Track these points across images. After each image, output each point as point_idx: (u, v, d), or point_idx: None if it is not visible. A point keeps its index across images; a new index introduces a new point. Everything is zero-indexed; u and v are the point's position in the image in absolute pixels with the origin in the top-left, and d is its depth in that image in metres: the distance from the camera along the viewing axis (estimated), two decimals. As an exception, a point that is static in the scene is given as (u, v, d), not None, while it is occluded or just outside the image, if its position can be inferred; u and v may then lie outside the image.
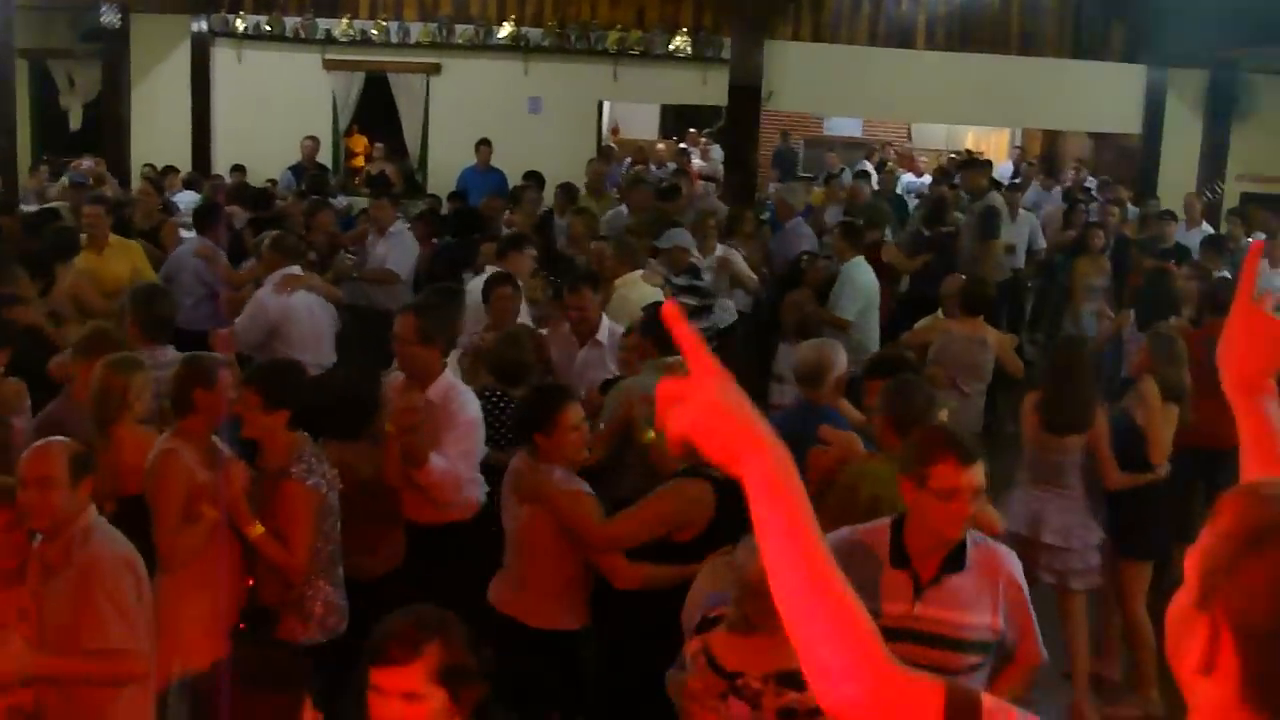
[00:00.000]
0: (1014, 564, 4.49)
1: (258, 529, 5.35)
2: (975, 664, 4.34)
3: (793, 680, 3.79)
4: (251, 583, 5.59)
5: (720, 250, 11.59)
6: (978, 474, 4.28)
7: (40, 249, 9.56)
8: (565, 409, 5.75)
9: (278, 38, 18.28)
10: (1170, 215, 14.70)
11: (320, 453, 5.67)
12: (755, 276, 11.88)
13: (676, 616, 4.96)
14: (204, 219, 11.40)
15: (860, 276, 10.84)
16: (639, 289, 9.20)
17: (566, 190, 14.22)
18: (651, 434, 5.95)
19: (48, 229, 10.30)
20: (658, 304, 8.41)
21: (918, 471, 4.27)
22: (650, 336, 7.06)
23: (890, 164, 22.09)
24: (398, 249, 11.74)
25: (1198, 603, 1.69)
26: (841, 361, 6.80)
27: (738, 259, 11.65)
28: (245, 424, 5.61)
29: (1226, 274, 12.14)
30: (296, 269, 9.47)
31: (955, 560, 4.34)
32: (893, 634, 4.02)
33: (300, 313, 9.20)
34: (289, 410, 5.55)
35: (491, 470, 6.54)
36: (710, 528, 5.36)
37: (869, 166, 20.16)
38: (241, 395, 5.63)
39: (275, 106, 18.06)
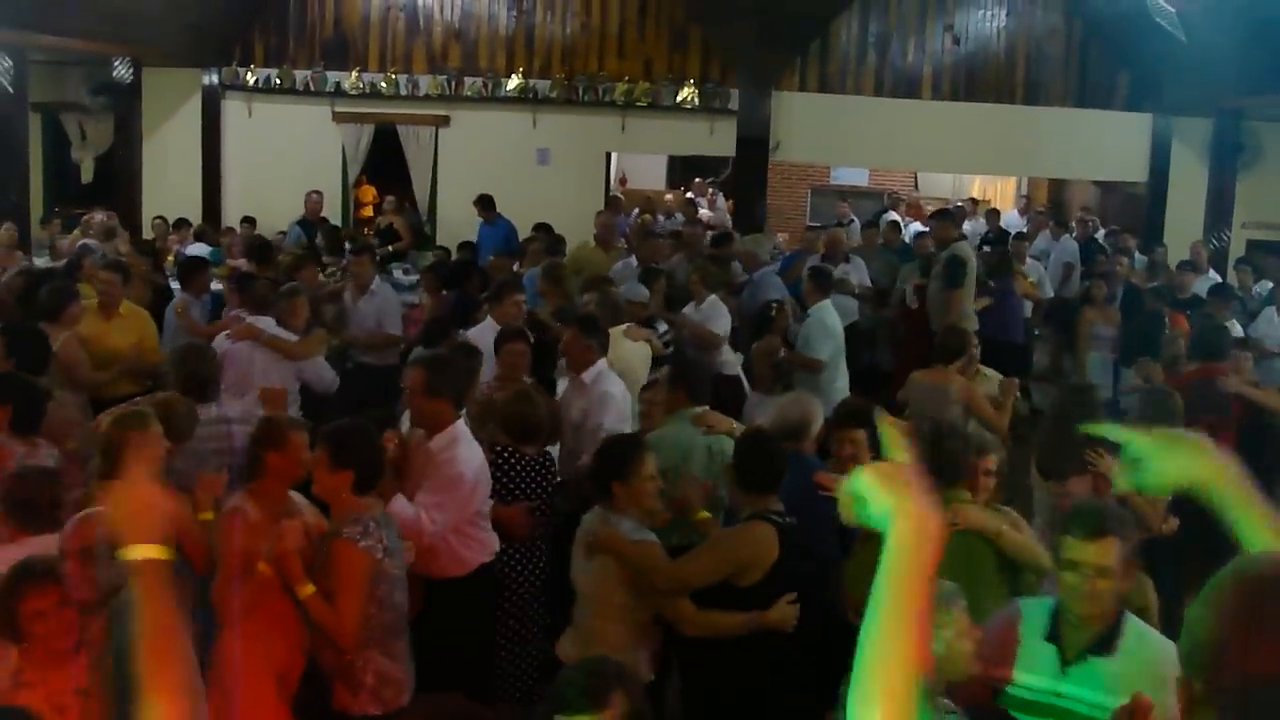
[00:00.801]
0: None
1: (308, 589, 5.25)
2: None
3: None
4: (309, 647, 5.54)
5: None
6: (1103, 551, 4.25)
7: (31, 311, 9.29)
8: (643, 459, 5.88)
9: (288, 90, 18.41)
10: (1190, 266, 14.70)
11: (387, 520, 5.56)
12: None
13: (745, 664, 5.21)
14: (184, 272, 11.47)
15: (830, 319, 11.08)
16: (620, 345, 9.23)
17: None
18: (705, 514, 6.17)
19: (44, 289, 9.76)
20: (684, 356, 8.50)
21: (1056, 540, 4.38)
22: (682, 388, 7.32)
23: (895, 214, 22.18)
24: (385, 308, 11.77)
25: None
26: (820, 414, 7.01)
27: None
28: (315, 482, 5.56)
29: (1235, 322, 12.26)
30: (268, 320, 9.47)
31: (1104, 644, 4.32)
32: (1033, 706, 4.22)
33: (232, 360, 9.07)
34: (353, 471, 5.42)
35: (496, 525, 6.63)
36: (773, 572, 5.51)
37: (897, 217, 20.22)
38: (315, 453, 5.58)
39: (285, 158, 18.17)
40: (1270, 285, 14.44)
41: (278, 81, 18.41)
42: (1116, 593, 4.29)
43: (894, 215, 20.42)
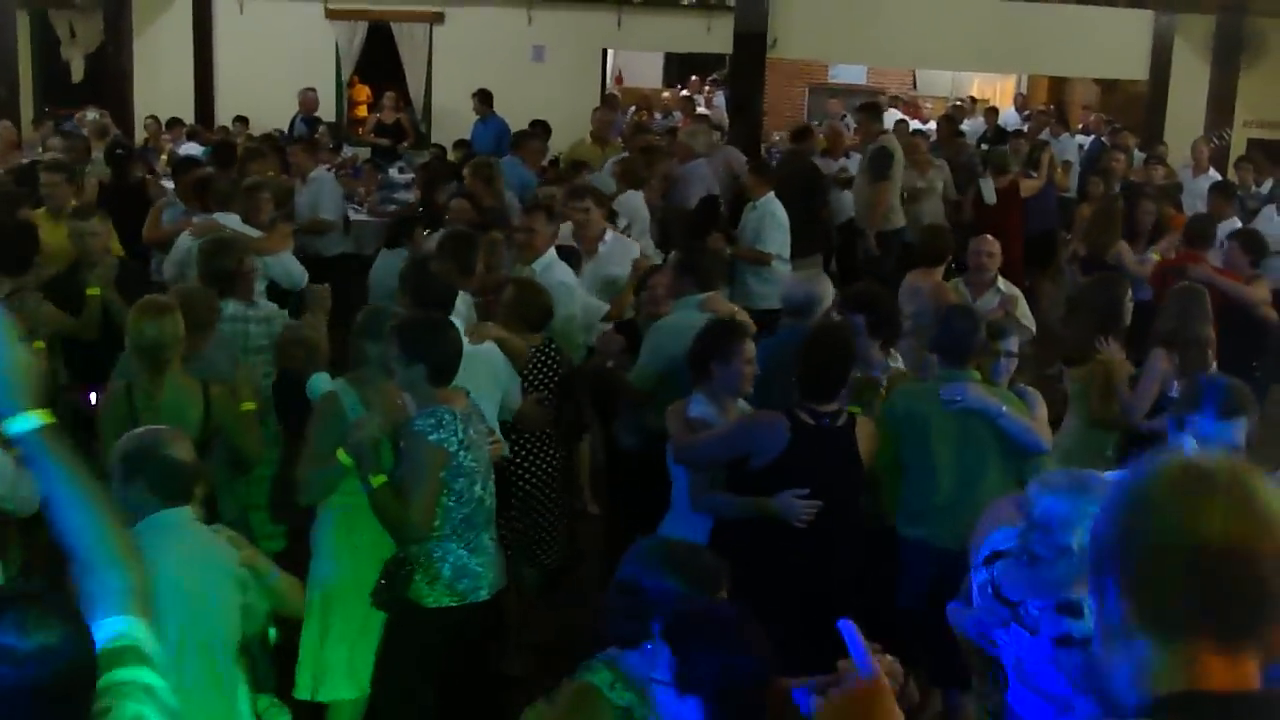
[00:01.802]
0: None
1: (378, 479, 5.23)
2: None
3: (1071, 609, 4.01)
4: None
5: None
6: (1237, 430, 4.59)
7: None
8: (744, 341, 5.98)
9: (279, -13, 18.21)
10: (1159, 159, 14.81)
11: (473, 412, 5.56)
12: None
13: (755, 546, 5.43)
14: (178, 174, 11.38)
15: (778, 210, 10.98)
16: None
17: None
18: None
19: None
20: (695, 246, 8.47)
21: (1179, 417, 4.71)
22: (690, 275, 7.32)
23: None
24: (324, 195, 11.88)
25: None
26: (830, 292, 7.12)
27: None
28: (392, 375, 5.54)
29: (1236, 219, 12.20)
30: (232, 217, 9.35)
31: None
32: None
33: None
34: (425, 364, 5.34)
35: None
36: (778, 463, 5.54)
37: (920, 124, 20.08)
38: (384, 346, 5.57)
39: (278, 56, 17.99)
40: (1270, 183, 14.34)
41: (269, -22, 18.21)
42: None
43: (916, 123, 20.25)
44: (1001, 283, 9.15)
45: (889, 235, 13.30)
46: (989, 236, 9.47)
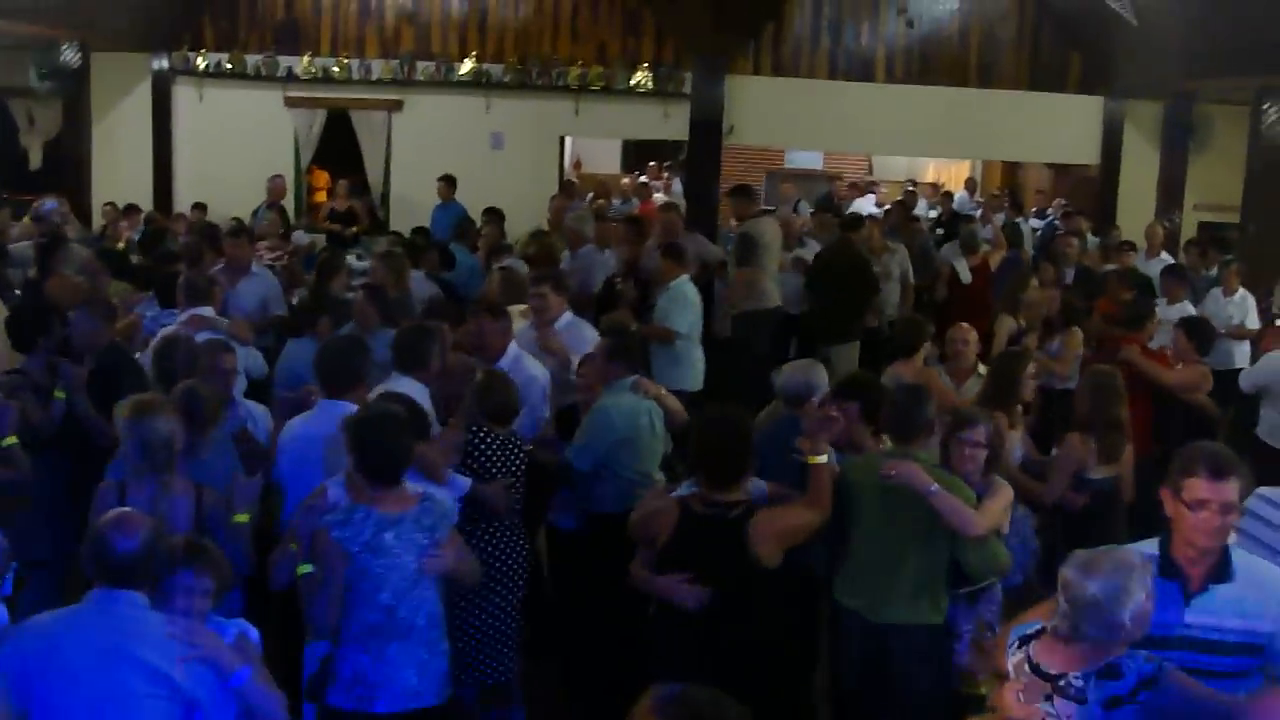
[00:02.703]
0: None
1: (302, 568, 5.49)
2: (1244, 669, 4.60)
3: (1111, 672, 4.22)
4: None
5: None
6: (1229, 489, 4.58)
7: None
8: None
9: (239, 75, 18.27)
10: (1130, 245, 14.94)
11: (422, 517, 5.58)
12: None
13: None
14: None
15: (690, 292, 11.19)
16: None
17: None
18: None
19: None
20: (620, 329, 8.63)
21: (1175, 483, 4.66)
22: (621, 358, 7.56)
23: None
24: (270, 290, 11.47)
25: None
26: (825, 380, 7.26)
27: None
28: None
29: (1188, 303, 12.36)
30: (207, 310, 9.35)
31: (1221, 571, 4.65)
32: (1164, 641, 4.44)
33: None
34: (358, 459, 5.57)
35: (477, 503, 6.65)
36: (669, 544, 5.76)
37: (875, 208, 20.34)
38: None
39: (237, 144, 18.04)
40: (1218, 266, 14.54)
41: (228, 66, 18.26)
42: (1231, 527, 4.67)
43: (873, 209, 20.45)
44: (983, 368, 9.30)
45: (758, 315, 13.32)
46: (964, 325, 9.73)
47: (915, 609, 6.26)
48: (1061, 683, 4.30)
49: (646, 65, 18.11)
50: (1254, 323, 13.05)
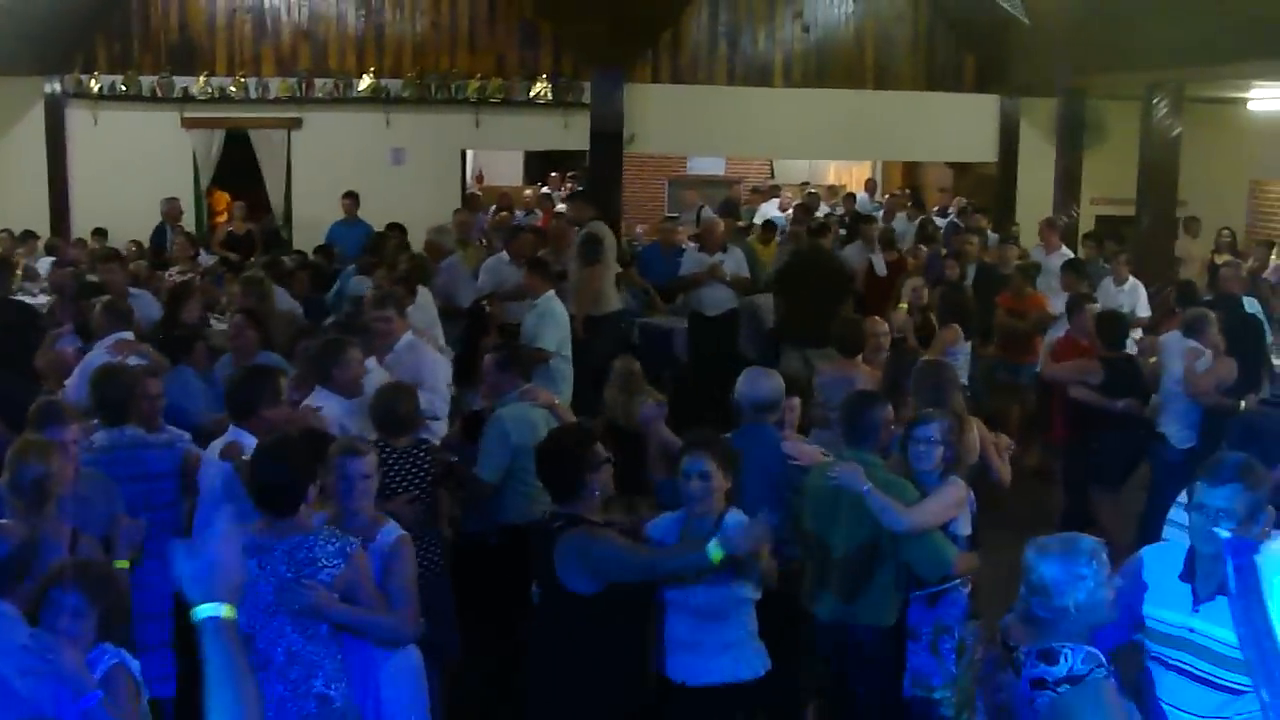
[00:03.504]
0: None
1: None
2: (1247, 687, 4.61)
3: (1049, 656, 4.33)
4: None
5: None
6: (1223, 496, 4.64)
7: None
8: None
9: (134, 97, 18.04)
10: (1013, 240, 15.60)
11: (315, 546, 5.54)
12: None
13: None
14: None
15: (556, 309, 11.31)
16: None
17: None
18: None
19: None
20: (509, 343, 8.71)
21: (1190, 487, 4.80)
22: (516, 368, 7.80)
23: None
24: (155, 314, 11.18)
25: None
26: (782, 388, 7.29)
27: None
28: None
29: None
30: (129, 334, 9.22)
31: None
32: (1172, 640, 4.59)
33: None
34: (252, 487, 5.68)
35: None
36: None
37: (778, 212, 20.57)
38: None
39: (135, 166, 17.78)
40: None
41: (123, 88, 18.02)
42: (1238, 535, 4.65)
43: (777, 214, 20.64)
44: None
45: (601, 320, 13.39)
46: (877, 318, 10.09)
47: (866, 611, 6.38)
48: (1015, 655, 4.49)
49: (545, 76, 18.14)
50: (1144, 310, 13.35)
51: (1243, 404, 9.55)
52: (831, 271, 13.64)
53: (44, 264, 14.47)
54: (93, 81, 18.03)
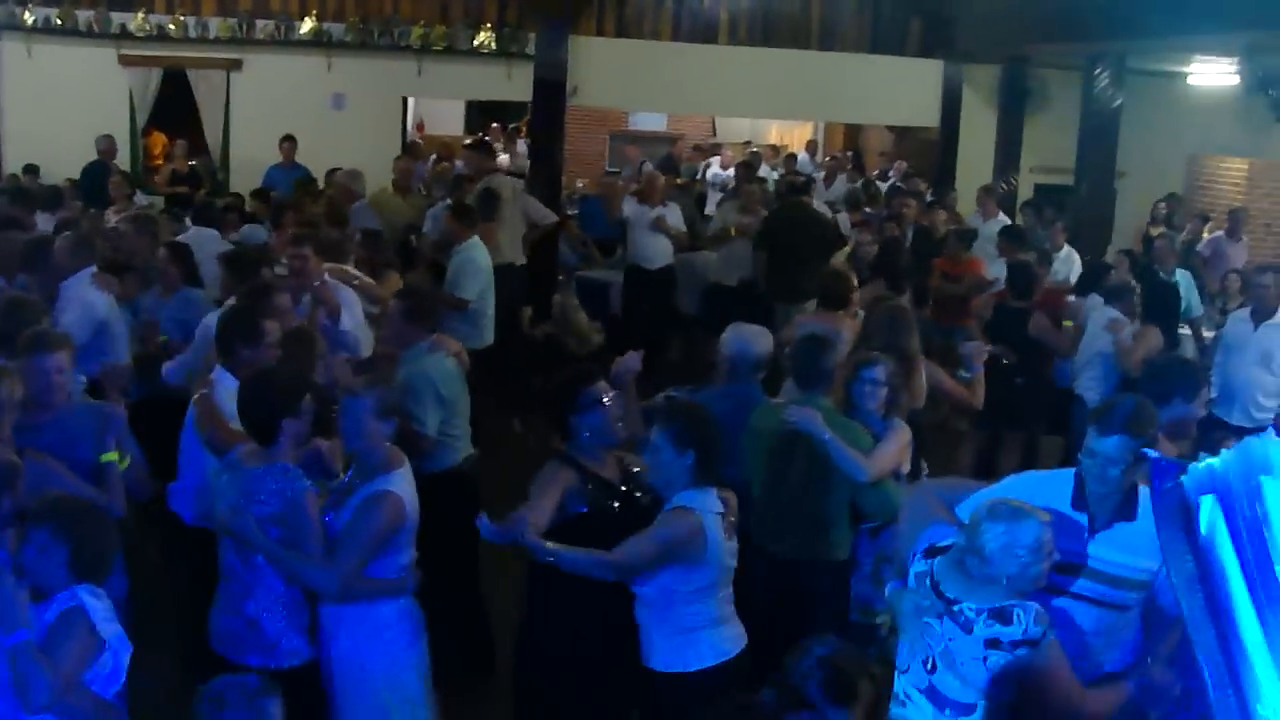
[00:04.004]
0: None
1: None
2: (1132, 603, 4.96)
3: (1002, 615, 4.45)
4: None
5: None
6: (1113, 444, 4.82)
7: None
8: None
9: (70, 32, 17.68)
10: (937, 203, 16.00)
11: None
12: None
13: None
14: None
15: (479, 256, 11.42)
16: None
17: None
18: None
19: None
20: (412, 291, 8.65)
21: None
22: (419, 319, 7.73)
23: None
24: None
25: None
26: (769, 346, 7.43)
27: None
28: None
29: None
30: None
31: (1127, 510, 4.91)
32: (1068, 568, 4.69)
33: (116, 311, 8.90)
34: None
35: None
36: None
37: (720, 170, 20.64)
38: None
39: (69, 104, 17.48)
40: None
41: (58, 22, 17.66)
42: (1127, 476, 4.87)
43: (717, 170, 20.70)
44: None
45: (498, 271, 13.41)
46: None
47: (819, 545, 6.66)
48: (955, 608, 4.56)
49: (489, 25, 17.96)
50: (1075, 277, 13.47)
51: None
52: (817, 227, 13.69)
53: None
54: (26, 14, 17.65)
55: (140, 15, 17.69)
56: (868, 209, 16.19)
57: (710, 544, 5.45)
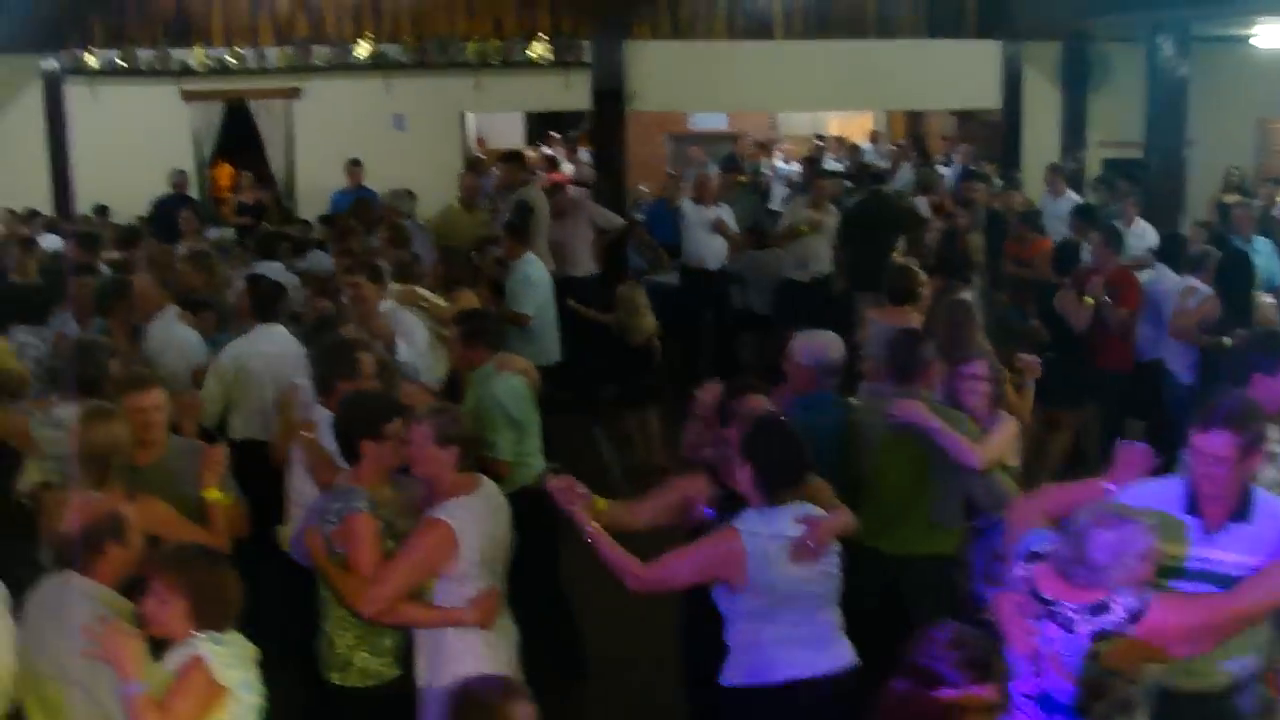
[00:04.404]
0: None
1: None
2: None
3: (1100, 607, 4.48)
4: None
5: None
6: (1216, 441, 4.77)
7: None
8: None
9: (132, 72, 17.94)
10: (1010, 186, 16.03)
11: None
12: None
13: None
14: None
15: (535, 272, 11.48)
16: None
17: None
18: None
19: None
20: (470, 313, 8.56)
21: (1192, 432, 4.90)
22: (480, 342, 7.71)
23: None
24: None
25: None
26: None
27: None
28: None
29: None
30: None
31: (1241, 512, 4.88)
32: (1179, 572, 4.93)
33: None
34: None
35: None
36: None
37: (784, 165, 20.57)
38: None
39: (135, 142, 17.72)
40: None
41: (121, 63, 17.91)
42: (1237, 475, 4.84)
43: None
44: None
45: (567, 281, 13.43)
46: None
47: (928, 541, 6.61)
48: (1054, 608, 4.56)
49: (544, 36, 17.97)
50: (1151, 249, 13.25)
51: (1226, 340, 9.65)
52: (900, 214, 13.63)
53: (47, 242, 14.36)
54: (89, 57, 17.92)
55: (199, 50, 17.85)
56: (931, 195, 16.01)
57: (752, 568, 5.25)
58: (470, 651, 5.57)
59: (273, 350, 8.45)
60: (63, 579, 4.87)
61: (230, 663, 4.63)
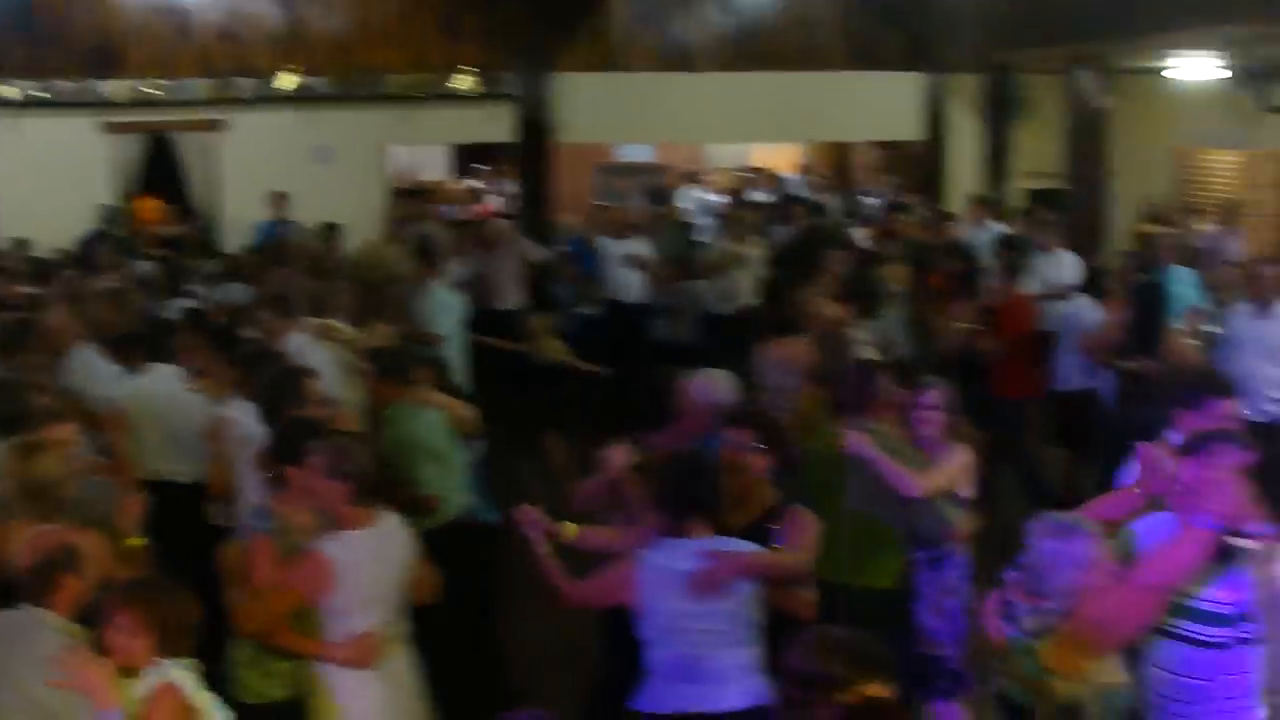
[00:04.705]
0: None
1: None
2: (1234, 638, 4.78)
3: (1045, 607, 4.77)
4: None
5: None
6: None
7: None
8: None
9: (52, 103, 17.75)
10: (944, 217, 15.90)
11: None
12: None
13: None
14: None
15: (447, 296, 11.70)
16: None
17: None
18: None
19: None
20: (379, 352, 8.51)
21: None
22: (393, 378, 7.65)
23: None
24: None
25: None
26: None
27: None
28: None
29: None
30: None
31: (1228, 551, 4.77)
32: (1173, 609, 4.75)
33: None
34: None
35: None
36: None
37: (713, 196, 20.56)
38: None
39: (55, 174, 17.51)
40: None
41: (41, 94, 17.71)
42: None
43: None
44: None
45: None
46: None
47: (865, 573, 6.54)
48: (1012, 609, 4.88)
49: (469, 68, 17.96)
50: (1071, 279, 13.34)
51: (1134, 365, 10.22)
52: (835, 246, 13.65)
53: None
54: (8, 89, 17.69)
55: (121, 82, 17.69)
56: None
57: (645, 596, 5.34)
58: (359, 686, 5.56)
59: (164, 389, 8.39)
60: (21, 613, 4.86)
61: (198, 685, 4.70)
